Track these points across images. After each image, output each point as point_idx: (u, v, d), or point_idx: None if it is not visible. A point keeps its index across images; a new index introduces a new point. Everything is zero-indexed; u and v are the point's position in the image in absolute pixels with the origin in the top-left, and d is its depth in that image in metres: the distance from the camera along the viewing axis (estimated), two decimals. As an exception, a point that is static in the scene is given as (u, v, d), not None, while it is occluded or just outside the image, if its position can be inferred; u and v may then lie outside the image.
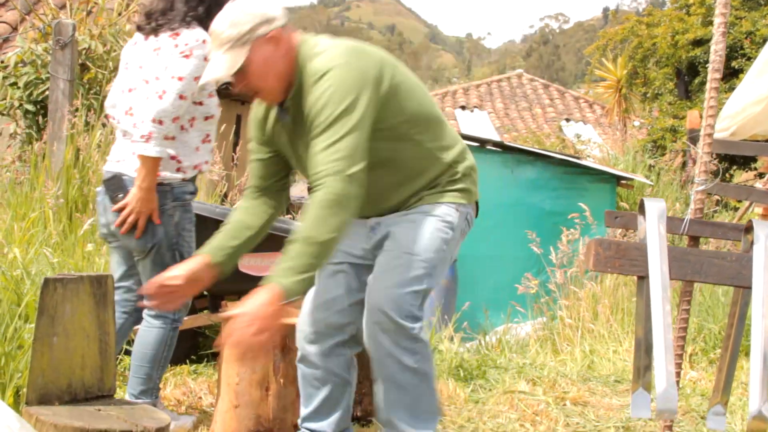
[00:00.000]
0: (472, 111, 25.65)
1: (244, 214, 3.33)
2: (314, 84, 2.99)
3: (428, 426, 3.15)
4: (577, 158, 11.58)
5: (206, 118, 3.94)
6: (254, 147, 3.35)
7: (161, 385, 4.27)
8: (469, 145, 10.45)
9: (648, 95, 17.53)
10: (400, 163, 3.17)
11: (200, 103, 3.89)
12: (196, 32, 3.82)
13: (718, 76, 3.00)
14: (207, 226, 4.33)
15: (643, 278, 2.42)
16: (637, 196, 12.15)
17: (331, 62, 2.99)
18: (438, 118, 3.26)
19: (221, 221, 3.71)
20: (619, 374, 5.78)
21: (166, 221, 3.82)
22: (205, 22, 3.71)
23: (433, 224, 3.16)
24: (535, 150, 11.29)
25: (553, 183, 10.75)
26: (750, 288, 2.44)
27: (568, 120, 24.93)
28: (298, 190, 13.94)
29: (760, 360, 2.42)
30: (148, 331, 3.92)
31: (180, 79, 3.73)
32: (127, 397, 3.90)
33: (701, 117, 11.84)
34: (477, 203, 3.37)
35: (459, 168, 3.26)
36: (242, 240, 3.26)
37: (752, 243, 2.53)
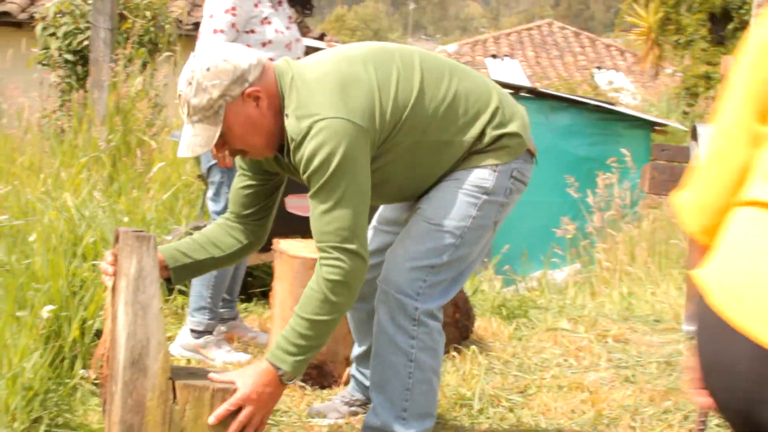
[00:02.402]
0: (503, 59, 25.59)
1: (220, 231, 2.93)
2: (297, 147, 2.64)
3: (411, 423, 2.88)
4: (612, 105, 11.58)
5: (263, 44, 4.10)
6: (242, 173, 2.94)
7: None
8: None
9: (680, 42, 17.37)
10: (420, 166, 2.87)
11: (252, 32, 4.09)
12: None
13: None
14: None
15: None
16: (671, 142, 12.16)
17: (317, 129, 2.58)
18: (450, 104, 2.82)
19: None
20: (658, 315, 5.84)
21: None
22: None
23: (460, 190, 2.86)
24: (570, 96, 11.30)
25: (587, 129, 10.76)
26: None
27: (599, 68, 24.82)
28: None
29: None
30: None
31: (211, 16, 4.01)
32: (187, 316, 4.28)
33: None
34: (530, 152, 2.99)
35: (490, 132, 2.87)
36: (206, 257, 2.88)
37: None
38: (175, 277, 2.83)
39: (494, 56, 25.73)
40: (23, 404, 2.88)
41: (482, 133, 2.86)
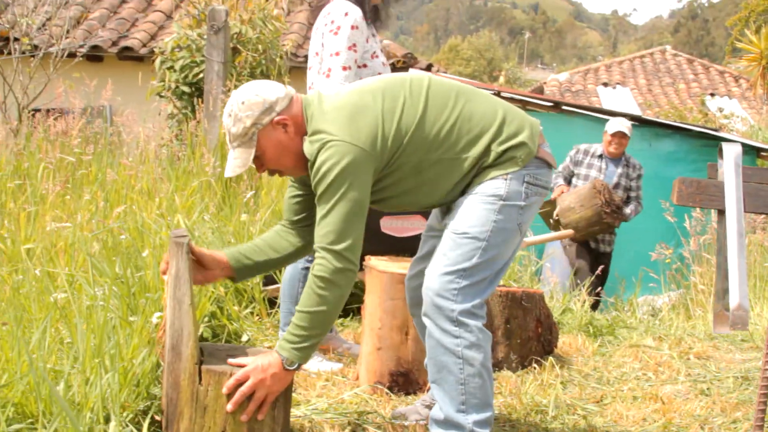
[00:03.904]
0: (614, 88, 25.53)
1: (276, 237, 3.41)
2: (311, 165, 3.04)
3: (470, 414, 3.19)
4: (716, 131, 11.58)
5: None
6: (291, 184, 3.41)
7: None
8: (605, 120, 10.44)
9: (793, 67, 17.15)
10: (428, 181, 3.20)
11: (365, 66, 4.39)
12: (340, 6, 4.32)
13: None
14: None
15: (722, 213, 2.72)
16: (778, 168, 12.05)
17: (325, 148, 3.00)
18: (452, 125, 3.18)
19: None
20: (747, 335, 5.93)
21: None
22: None
23: (478, 201, 3.17)
24: (672, 123, 11.34)
25: (691, 156, 10.81)
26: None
27: (712, 95, 24.55)
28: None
29: None
30: (285, 272, 4.57)
31: (337, 54, 4.29)
32: (279, 330, 4.64)
33: None
34: (543, 159, 3.27)
35: (496, 148, 3.18)
36: (265, 259, 3.37)
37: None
38: (238, 276, 3.35)
39: (605, 84, 25.71)
40: (133, 396, 3.23)
41: (488, 149, 3.18)
